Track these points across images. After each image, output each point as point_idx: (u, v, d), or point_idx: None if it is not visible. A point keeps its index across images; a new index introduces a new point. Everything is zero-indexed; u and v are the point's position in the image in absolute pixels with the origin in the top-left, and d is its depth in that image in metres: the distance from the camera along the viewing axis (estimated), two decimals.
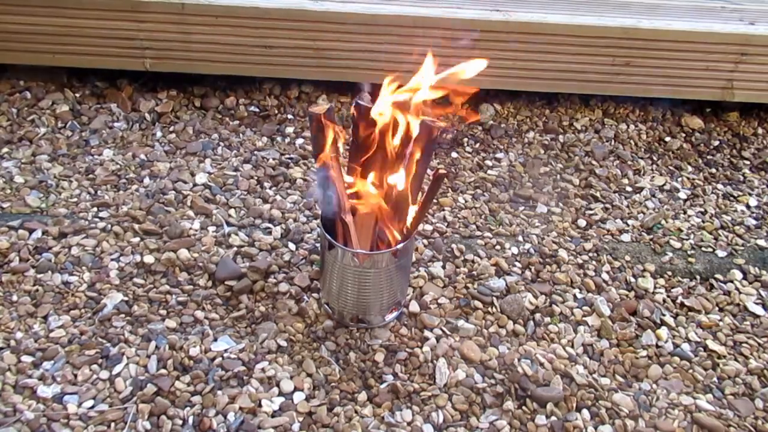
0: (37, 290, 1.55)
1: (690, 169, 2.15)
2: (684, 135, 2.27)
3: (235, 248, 1.70)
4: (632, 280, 1.74)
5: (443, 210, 1.89)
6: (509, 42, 2.10)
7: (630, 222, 1.92)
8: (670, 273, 1.78)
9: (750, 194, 2.07)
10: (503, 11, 2.11)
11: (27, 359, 1.41)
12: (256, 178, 1.93)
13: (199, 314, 1.54)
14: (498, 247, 1.79)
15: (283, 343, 1.49)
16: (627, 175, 2.09)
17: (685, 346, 1.59)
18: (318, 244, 1.72)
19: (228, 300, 1.59)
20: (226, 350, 1.46)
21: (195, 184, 1.89)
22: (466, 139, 2.16)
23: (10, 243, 1.64)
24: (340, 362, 1.47)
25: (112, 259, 1.64)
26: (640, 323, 1.63)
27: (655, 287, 1.73)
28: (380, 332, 1.53)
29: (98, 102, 2.14)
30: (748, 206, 2.03)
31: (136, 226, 1.72)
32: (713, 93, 2.24)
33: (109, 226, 1.72)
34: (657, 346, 1.58)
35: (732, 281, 1.76)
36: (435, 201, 1.89)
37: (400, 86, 1.36)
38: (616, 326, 1.61)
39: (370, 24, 2.05)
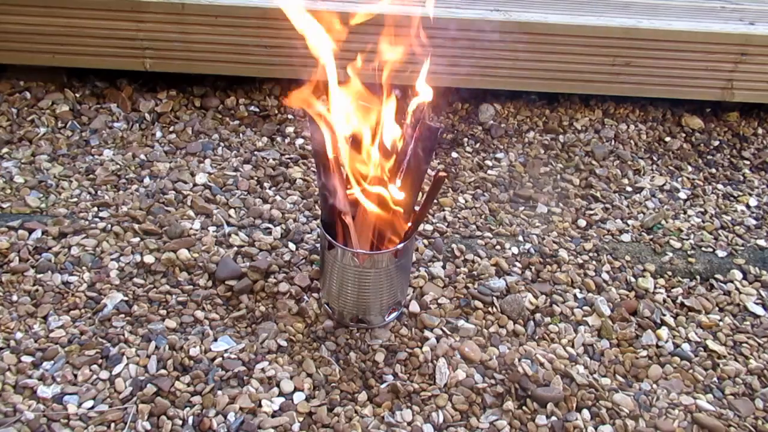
0: (37, 290, 1.55)
1: (690, 169, 2.15)
2: (684, 135, 2.27)
3: (235, 248, 1.70)
4: (632, 280, 1.74)
5: (443, 210, 1.89)
6: (509, 42, 2.10)
7: (630, 222, 1.92)
8: (670, 273, 1.78)
9: (750, 194, 2.07)
10: (503, 11, 2.11)
11: (27, 359, 1.41)
12: (256, 178, 1.93)
13: (199, 314, 1.54)
14: (498, 247, 1.79)
15: (283, 343, 1.49)
16: (627, 175, 2.09)
17: (686, 346, 1.59)
18: (318, 244, 1.72)
19: (228, 300, 1.59)
20: (226, 350, 1.46)
21: (195, 184, 1.89)
22: (466, 139, 2.16)
23: (10, 243, 1.64)
24: (340, 362, 1.47)
25: (112, 259, 1.64)
26: (640, 323, 1.63)
27: (655, 287, 1.73)
28: (380, 332, 1.53)
29: (98, 102, 2.14)
30: (748, 206, 2.03)
31: (136, 226, 1.72)
32: (713, 93, 2.24)
33: (109, 226, 1.72)
34: (657, 346, 1.58)
35: (732, 281, 1.76)
36: (435, 201, 1.89)
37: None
38: (617, 326, 1.61)
39: (371, 24, 2.04)
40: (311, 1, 2.06)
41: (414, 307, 1.59)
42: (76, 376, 1.40)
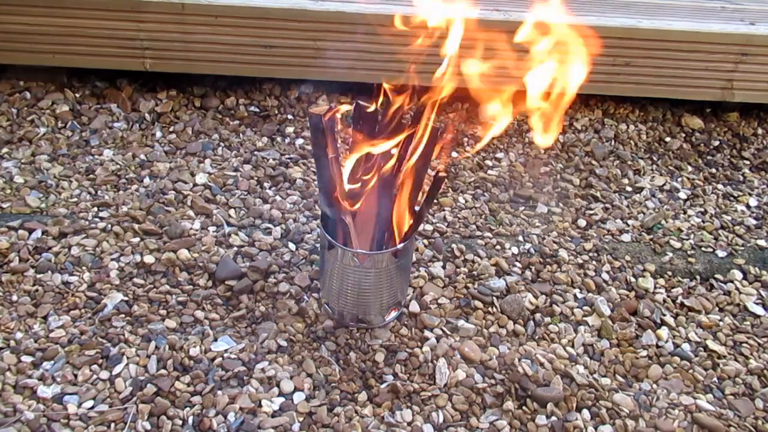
0: (37, 290, 1.55)
1: (690, 169, 2.15)
2: (684, 135, 2.27)
3: (235, 248, 1.70)
4: (632, 280, 1.74)
5: (443, 210, 1.89)
6: (510, 42, 2.10)
7: (630, 222, 1.92)
8: (670, 273, 1.78)
9: (750, 194, 2.07)
10: (503, 11, 2.11)
11: (27, 359, 1.41)
12: (256, 178, 1.93)
13: (199, 314, 1.54)
14: (498, 247, 1.79)
15: (283, 343, 1.49)
16: (627, 175, 2.09)
17: (686, 346, 1.59)
18: (318, 244, 1.72)
19: (228, 300, 1.59)
20: (226, 350, 1.46)
21: (195, 185, 1.89)
22: (466, 139, 2.16)
23: (10, 243, 1.64)
24: (340, 362, 1.47)
25: (112, 259, 1.64)
26: (640, 323, 1.63)
27: (655, 287, 1.73)
28: (380, 332, 1.53)
29: (98, 102, 2.14)
30: (748, 206, 2.03)
31: (136, 226, 1.72)
32: (713, 93, 2.24)
33: (109, 226, 1.72)
34: (657, 346, 1.58)
35: (732, 281, 1.76)
36: (435, 201, 1.89)
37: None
38: (617, 326, 1.61)
39: (370, 24, 2.05)
40: (312, 1, 2.07)
41: (414, 307, 1.59)
42: (76, 376, 1.40)
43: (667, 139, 2.25)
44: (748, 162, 2.20)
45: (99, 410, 1.34)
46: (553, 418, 1.40)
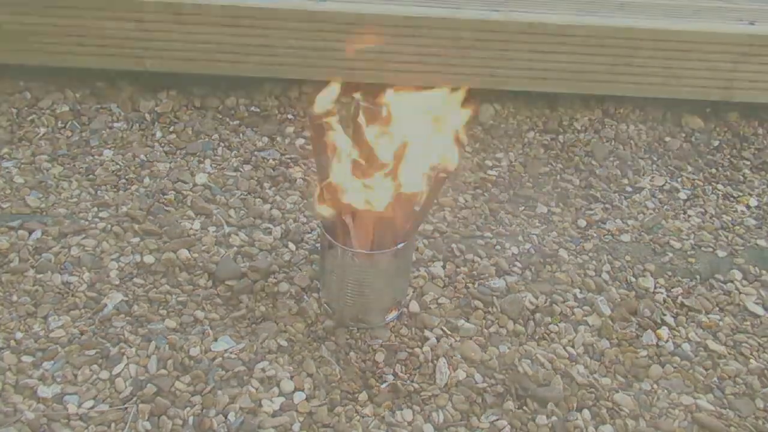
0: (37, 290, 1.55)
1: (690, 169, 2.15)
2: (684, 135, 2.27)
3: (235, 248, 1.70)
4: (632, 279, 1.74)
5: (443, 210, 1.89)
6: (509, 42, 2.10)
7: (630, 222, 1.92)
8: (670, 273, 1.78)
9: (750, 194, 2.07)
10: (503, 11, 2.11)
11: (27, 359, 1.41)
12: (256, 178, 1.93)
13: (199, 314, 1.54)
14: (498, 247, 1.79)
15: (284, 343, 1.49)
16: (627, 175, 2.09)
17: (686, 346, 1.59)
18: (318, 244, 1.72)
19: (228, 300, 1.59)
20: (226, 350, 1.46)
21: (195, 185, 1.89)
22: (466, 139, 2.16)
23: (10, 243, 1.64)
24: (340, 362, 1.47)
25: (112, 259, 1.64)
26: (640, 323, 1.63)
27: (655, 287, 1.73)
28: (380, 332, 1.53)
29: (98, 102, 2.14)
30: (748, 206, 2.03)
31: (136, 226, 1.72)
32: (713, 93, 2.24)
33: (109, 226, 1.72)
34: (657, 346, 1.58)
35: (732, 281, 1.76)
36: (435, 201, 1.89)
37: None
38: (617, 326, 1.61)
39: (370, 24, 2.05)
40: (312, 1, 2.07)
41: (414, 307, 1.59)
42: (76, 376, 1.40)
43: (667, 139, 2.25)
44: (748, 162, 2.20)
45: (99, 410, 1.34)
46: (554, 417, 1.40)
